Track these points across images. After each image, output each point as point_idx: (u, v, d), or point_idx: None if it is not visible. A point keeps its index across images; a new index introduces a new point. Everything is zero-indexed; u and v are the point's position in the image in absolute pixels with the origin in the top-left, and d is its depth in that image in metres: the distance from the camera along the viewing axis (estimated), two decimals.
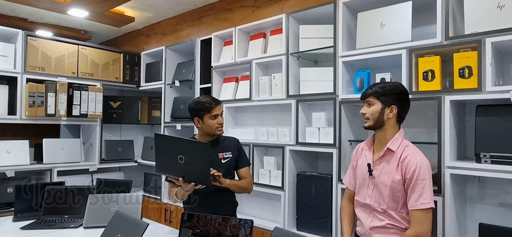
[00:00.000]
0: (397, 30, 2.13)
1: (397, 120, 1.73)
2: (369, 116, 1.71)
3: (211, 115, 2.04)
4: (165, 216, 3.59)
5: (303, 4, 2.84)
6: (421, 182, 1.58)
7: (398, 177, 1.64)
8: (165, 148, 1.89)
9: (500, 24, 1.78)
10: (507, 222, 1.87)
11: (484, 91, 1.80)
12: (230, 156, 2.10)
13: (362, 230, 1.79)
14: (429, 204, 1.58)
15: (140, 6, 3.88)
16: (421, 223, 1.57)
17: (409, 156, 1.64)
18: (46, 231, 2.13)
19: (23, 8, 3.93)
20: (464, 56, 1.88)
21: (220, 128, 2.07)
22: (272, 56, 2.80)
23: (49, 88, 3.34)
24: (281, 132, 2.75)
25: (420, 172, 1.59)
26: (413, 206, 1.59)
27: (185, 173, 1.84)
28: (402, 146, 1.68)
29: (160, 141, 1.91)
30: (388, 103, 1.69)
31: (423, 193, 1.58)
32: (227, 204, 2.11)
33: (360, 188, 1.80)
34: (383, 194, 1.68)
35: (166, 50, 3.77)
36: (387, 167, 1.68)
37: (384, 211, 1.68)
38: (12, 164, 3.20)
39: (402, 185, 1.64)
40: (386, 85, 1.72)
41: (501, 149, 1.78)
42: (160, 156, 1.91)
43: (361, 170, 1.80)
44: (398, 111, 1.70)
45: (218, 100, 2.11)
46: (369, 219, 1.73)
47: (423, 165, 1.60)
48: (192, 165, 1.81)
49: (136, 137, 4.35)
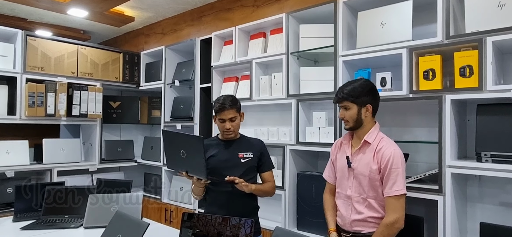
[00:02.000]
0: (398, 29, 2.13)
1: (372, 115, 1.84)
2: (349, 119, 1.82)
3: (219, 118, 2.03)
4: (165, 216, 3.59)
5: (303, 3, 2.83)
6: (394, 170, 1.70)
7: (374, 166, 1.75)
8: (170, 144, 1.97)
9: (501, 23, 1.77)
10: (508, 221, 1.87)
11: (485, 90, 1.80)
12: (250, 156, 2.07)
13: (342, 222, 1.87)
14: (402, 191, 1.69)
15: (140, 5, 3.87)
16: (395, 210, 1.69)
17: (384, 147, 1.75)
18: (46, 231, 2.13)
19: (23, 8, 3.92)
20: (465, 55, 1.88)
21: (227, 133, 2.04)
22: (272, 56, 2.79)
23: (49, 88, 3.33)
24: (282, 131, 2.75)
25: (393, 162, 1.70)
26: (388, 193, 1.71)
27: (187, 167, 1.89)
28: (377, 138, 1.80)
29: (166, 137, 1.98)
30: (364, 103, 1.79)
31: (397, 181, 1.69)
32: (246, 206, 2.06)
33: (341, 180, 1.89)
34: (362, 183, 1.78)
35: (166, 49, 3.77)
36: (364, 158, 1.79)
37: (365, 200, 1.78)
38: (12, 164, 3.20)
39: (378, 174, 1.75)
40: (356, 86, 1.80)
41: (502, 148, 1.78)
42: (168, 152, 2.00)
43: (340, 163, 1.90)
44: (373, 108, 1.82)
45: (230, 104, 2.02)
46: (349, 212, 1.82)
47: (396, 155, 1.72)
48: (191, 159, 1.86)
49: (136, 137, 4.35)
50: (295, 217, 2.64)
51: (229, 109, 2.01)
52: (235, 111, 2.04)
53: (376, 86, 1.89)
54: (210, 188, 2.01)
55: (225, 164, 1.99)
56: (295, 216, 2.64)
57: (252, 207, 2.11)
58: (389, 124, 2.37)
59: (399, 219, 1.68)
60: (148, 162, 3.95)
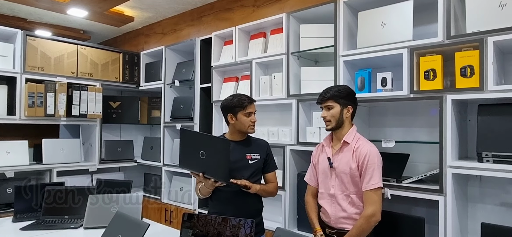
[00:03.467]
0: (398, 29, 2.12)
1: (351, 117, 1.95)
2: (331, 118, 1.92)
3: (245, 112, 2.05)
4: (165, 216, 3.58)
5: (303, 3, 2.83)
6: (370, 166, 1.81)
7: (354, 164, 1.85)
8: (188, 143, 1.95)
9: (502, 23, 1.77)
10: (509, 222, 1.86)
11: (486, 90, 1.79)
12: (258, 157, 2.10)
13: (327, 219, 1.94)
14: (378, 184, 1.80)
15: (140, 5, 3.87)
16: (372, 202, 1.79)
17: (361, 146, 1.86)
18: (46, 231, 2.12)
19: (22, 7, 3.92)
20: (466, 55, 1.88)
21: (252, 127, 2.09)
22: (272, 56, 2.79)
23: (49, 88, 3.32)
24: (282, 131, 2.74)
25: (369, 158, 1.81)
26: (365, 187, 1.81)
27: (205, 168, 1.88)
28: (355, 138, 1.91)
29: (184, 136, 1.97)
30: (345, 104, 1.92)
31: (373, 176, 1.80)
32: (252, 205, 2.08)
33: (324, 180, 1.98)
34: (344, 181, 1.88)
35: (166, 49, 3.76)
36: (344, 157, 1.89)
37: (348, 196, 1.87)
38: (12, 164, 3.19)
39: (358, 171, 1.85)
40: (340, 88, 1.95)
41: (503, 149, 1.78)
42: (183, 151, 1.98)
43: (322, 164, 1.99)
44: (353, 110, 1.94)
45: (253, 99, 2.12)
46: (334, 209, 1.91)
47: (372, 152, 1.83)
48: (212, 161, 1.86)
49: (136, 137, 4.34)
50: (295, 217, 2.64)
51: (253, 102, 2.11)
52: (255, 106, 2.13)
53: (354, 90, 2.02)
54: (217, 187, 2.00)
55: (234, 165, 1.99)
56: (296, 216, 2.64)
57: (257, 207, 2.13)
58: (390, 124, 2.37)
59: (376, 212, 1.78)
60: (148, 162, 3.94)
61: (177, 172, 3.63)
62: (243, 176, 2.00)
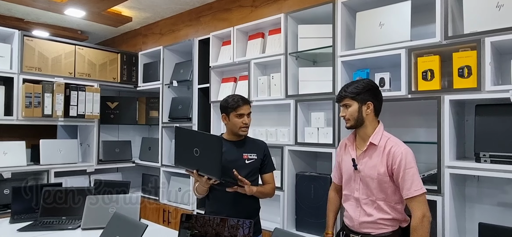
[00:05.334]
0: (396, 30, 2.13)
1: (375, 114, 1.79)
2: (349, 117, 1.78)
3: (237, 114, 2.04)
4: (164, 217, 3.58)
5: (301, 3, 2.83)
6: (409, 170, 1.65)
7: (382, 169, 1.70)
8: (183, 141, 1.96)
9: (499, 24, 1.78)
10: (506, 222, 1.87)
11: (484, 90, 1.80)
12: (254, 157, 2.09)
13: (351, 223, 1.83)
14: (422, 190, 1.65)
15: (138, 6, 3.86)
16: (420, 207, 1.64)
17: (393, 148, 1.70)
18: (44, 232, 2.12)
19: (19, 8, 3.90)
20: (463, 56, 1.88)
21: (244, 129, 2.06)
22: (270, 56, 2.79)
23: (46, 89, 3.31)
24: (280, 132, 2.74)
25: (406, 161, 1.66)
26: (408, 195, 1.65)
27: (199, 165, 1.89)
28: (383, 139, 1.75)
29: (179, 134, 1.98)
30: (364, 101, 1.75)
31: (414, 181, 1.65)
32: (249, 205, 2.07)
33: (348, 182, 1.86)
34: (370, 186, 1.74)
35: (164, 50, 3.76)
36: (370, 161, 1.75)
37: (373, 202, 1.74)
38: (9, 165, 3.17)
39: (388, 176, 1.71)
40: (358, 84, 1.78)
41: (500, 149, 1.79)
42: (178, 149, 1.98)
43: (346, 165, 1.86)
44: (374, 106, 1.77)
45: (247, 100, 2.09)
46: (358, 214, 1.79)
47: (408, 154, 1.68)
48: (205, 158, 1.86)
49: (134, 138, 4.33)
50: (294, 218, 2.64)
51: (247, 104, 2.07)
52: (250, 107, 2.10)
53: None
54: (214, 187, 2.00)
55: (230, 164, 1.98)
56: (294, 217, 2.64)
57: (254, 208, 2.12)
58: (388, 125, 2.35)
59: (425, 213, 1.64)
60: (146, 163, 3.93)
61: (175, 172, 3.62)
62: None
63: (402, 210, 1.76)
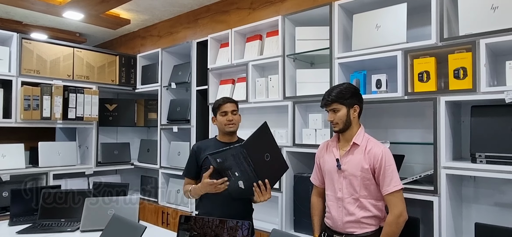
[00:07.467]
0: (393, 32, 2.14)
1: (358, 116, 1.88)
2: (338, 121, 1.84)
3: (221, 112, 2.11)
4: (162, 218, 3.58)
5: (299, 6, 2.85)
6: (388, 168, 1.75)
7: (366, 166, 1.78)
8: (262, 139, 1.89)
9: (494, 25, 1.80)
10: (502, 222, 1.88)
11: (479, 91, 1.82)
12: None
13: (333, 224, 1.88)
14: (399, 186, 1.75)
15: (136, 8, 3.87)
16: (397, 204, 1.74)
17: (374, 148, 1.80)
18: (43, 235, 2.12)
19: (18, 10, 3.91)
20: (459, 57, 1.90)
21: (229, 125, 2.10)
22: (268, 58, 2.80)
23: (45, 91, 3.32)
24: (278, 133, 2.75)
25: (386, 160, 1.75)
26: (387, 191, 1.75)
27: (263, 170, 1.81)
28: (365, 139, 1.85)
29: (265, 131, 1.92)
30: (352, 104, 1.84)
31: (393, 177, 1.74)
32: (242, 207, 2.07)
33: (330, 182, 1.91)
34: (353, 184, 1.81)
35: (162, 52, 3.77)
36: (354, 159, 1.82)
37: (356, 200, 1.80)
38: (7, 168, 3.18)
39: (371, 173, 1.78)
40: (342, 89, 1.85)
41: (496, 149, 1.80)
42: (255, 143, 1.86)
43: (328, 165, 1.92)
44: (359, 109, 1.87)
45: (231, 99, 2.16)
46: (341, 213, 1.84)
47: (387, 153, 1.77)
48: (271, 168, 1.86)
49: (133, 140, 4.34)
50: (292, 219, 2.65)
51: (230, 102, 2.13)
52: (235, 105, 2.15)
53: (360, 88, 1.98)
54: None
55: None
56: (292, 218, 2.65)
57: (247, 209, 2.13)
58: (384, 126, 2.39)
59: (402, 212, 1.73)
60: (144, 164, 3.94)
61: (173, 174, 3.63)
62: None
63: (383, 207, 1.83)
